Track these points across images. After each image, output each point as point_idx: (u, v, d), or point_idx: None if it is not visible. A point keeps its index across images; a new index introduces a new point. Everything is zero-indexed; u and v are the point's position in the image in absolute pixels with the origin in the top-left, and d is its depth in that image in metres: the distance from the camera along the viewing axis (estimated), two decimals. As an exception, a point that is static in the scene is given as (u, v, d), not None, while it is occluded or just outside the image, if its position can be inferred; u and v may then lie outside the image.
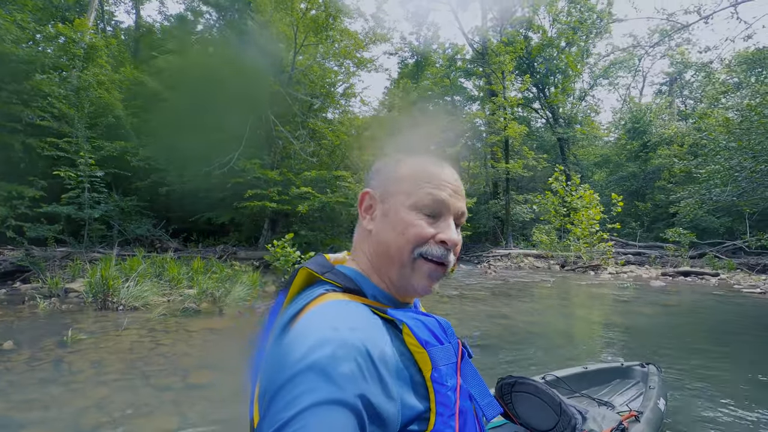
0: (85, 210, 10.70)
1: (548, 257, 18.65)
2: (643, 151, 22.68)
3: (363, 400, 0.46)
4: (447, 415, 0.55)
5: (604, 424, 2.10)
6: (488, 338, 5.56)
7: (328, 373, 0.46)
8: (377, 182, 0.71)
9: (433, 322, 0.61)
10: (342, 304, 0.57)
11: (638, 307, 8.15)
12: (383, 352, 0.52)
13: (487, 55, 26.91)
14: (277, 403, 0.46)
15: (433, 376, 0.56)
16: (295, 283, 0.65)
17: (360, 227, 0.72)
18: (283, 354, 0.50)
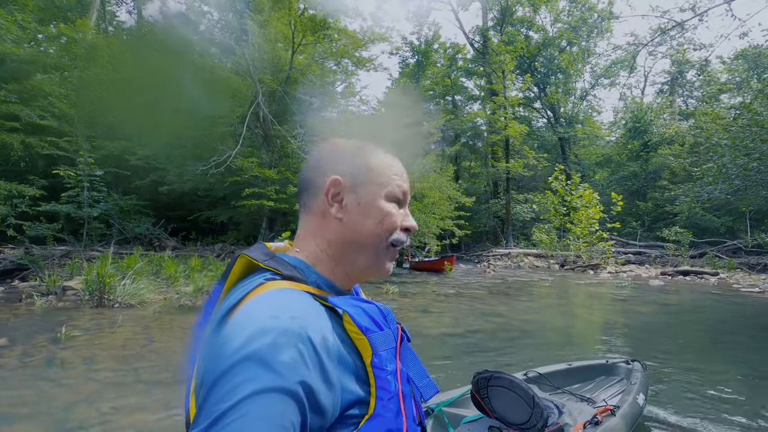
0: (84, 209, 10.75)
1: (548, 256, 18.63)
2: (644, 150, 22.62)
3: (304, 387, 0.47)
4: (386, 399, 0.56)
5: (580, 418, 2.13)
6: (481, 336, 5.57)
7: (268, 361, 0.46)
8: (341, 169, 0.69)
9: (373, 309, 0.61)
10: (283, 293, 0.56)
11: (635, 306, 8.13)
12: (325, 339, 0.52)
13: (487, 54, 26.91)
14: (215, 394, 0.46)
15: (373, 362, 0.56)
16: (234, 272, 0.64)
17: (316, 216, 0.69)
18: (221, 344, 0.49)
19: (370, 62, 14.18)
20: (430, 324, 6.29)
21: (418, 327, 6.03)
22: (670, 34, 24.31)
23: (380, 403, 0.55)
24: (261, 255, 0.64)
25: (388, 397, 0.56)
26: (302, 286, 0.60)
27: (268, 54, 11.71)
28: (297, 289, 0.58)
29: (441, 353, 4.81)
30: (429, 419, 2.24)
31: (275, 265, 0.62)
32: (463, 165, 34.24)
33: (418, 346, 4.96)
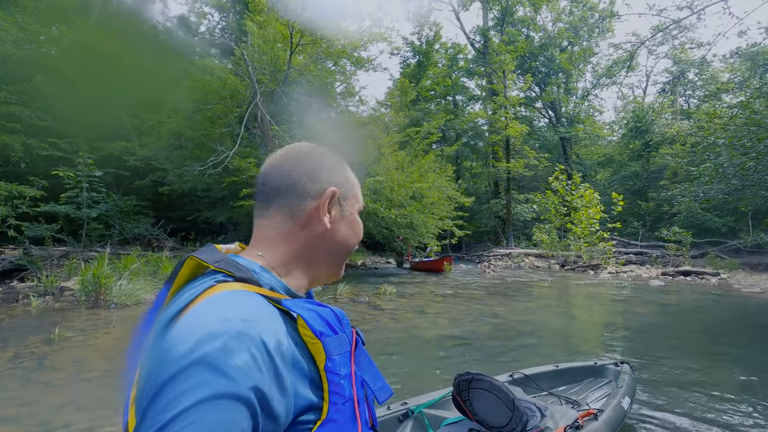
0: (83, 209, 10.79)
1: (549, 257, 18.57)
2: (645, 150, 22.51)
3: (257, 392, 0.45)
4: (340, 403, 0.55)
5: (561, 422, 2.10)
6: (477, 337, 5.54)
7: (219, 366, 0.43)
8: (335, 181, 0.70)
9: (328, 313, 0.60)
10: (235, 295, 0.54)
11: (633, 306, 8.08)
12: (279, 343, 0.50)
13: (488, 54, 26.86)
14: (159, 402, 0.43)
15: (326, 366, 0.55)
16: (181, 274, 0.61)
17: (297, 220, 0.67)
18: (167, 350, 0.46)
19: (369, 62, 14.17)
20: (426, 325, 6.27)
21: (414, 328, 6.02)
22: (671, 34, 24.25)
23: (333, 408, 0.54)
24: (211, 256, 0.62)
25: (341, 402, 0.55)
26: (256, 288, 0.58)
27: (267, 54, 11.72)
28: (250, 291, 0.56)
29: (435, 354, 4.80)
30: (409, 421, 2.22)
31: (227, 267, 0.59)
32: (465, 165, 34.20)
33: (413, 347, 4.95)
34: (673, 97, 26.14)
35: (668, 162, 19.08)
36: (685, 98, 28.04)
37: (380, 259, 20.36)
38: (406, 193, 11.59)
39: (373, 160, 12.26)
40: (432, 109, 31.34)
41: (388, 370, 4.08)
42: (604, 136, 30.63)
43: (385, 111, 18.94)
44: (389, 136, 13.83)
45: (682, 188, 14.37)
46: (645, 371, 4.09)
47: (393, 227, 12.47)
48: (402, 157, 13.29)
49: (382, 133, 13.56)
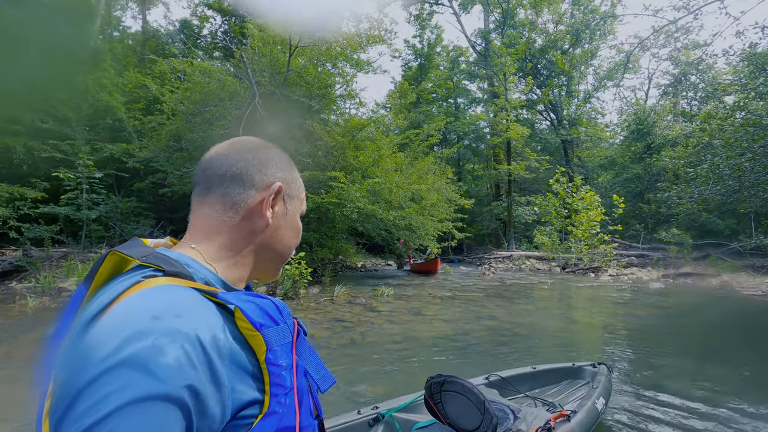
0: (82, 211, 10.83)
1: (550, 259, 18.50)
2: (647, 152, 22.41)
3: (191, 390, 0.43)
4: (282, 395, 0.53)
5: (534, 424, 2.08)
6: (472, 339, 5.51)
7: (147, 366, 0.41)
8: (282, 177, 0.69)
9: (268, 304, 0.58)
10: (165, 289, 0.51)
11: (632, 309, 8.03)
12: (215, 338, 0.48)
13: (489, 57, 26.88)
14: (77, 408, 0.39)
15: (267, 358, 0.53)
16: (102, 271, 0.57)
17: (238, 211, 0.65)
18: (88, 352, 0.42)
19: (369, 65, 14.18)
20: (421, 327, 6.25)
21: (409, 330, 5.99)
22: (672, 36, 24.19)
23: (274, 399, 0.53)
24: (137, 251, 0.58)
25: (283, 393, 0.54)
26: (188, 282, 0.55)
27: (266, 57, 11.76)
28: (182, 286, 0.53)
29: (428, 356, 4.77)
30: (380, 425, 2.18)
31: (156, 261, 0.56)
32: (466, 167, 34.18)
33: (407, 349, 4.93)
34: (674, 99, 26.06)
35: (668, 164, 19.00)
36: (687, 101, 27.95)
37: (380, 261, 20.34)
38: (404, 194, 11.57)
39: (372, 162, 12.25)
40: (433, 112, 31.38)
41: (378, 372, 4.06)
42: (606, 139, 30.54)
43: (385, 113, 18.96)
44: (388, 137, 13.83)
45: (679, 189, 14.29)
46: (638, 373, 4.06)
47: (392, 229, 12.45)
48: (401, 159, 13.29)
49: (382, 135, 13.57)
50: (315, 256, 12.02)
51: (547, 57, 29.07)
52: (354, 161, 12.07)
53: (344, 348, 4.90)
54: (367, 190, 10.68)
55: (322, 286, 10.16)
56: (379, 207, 10.82)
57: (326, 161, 12.23)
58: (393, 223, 11.66)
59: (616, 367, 4.29)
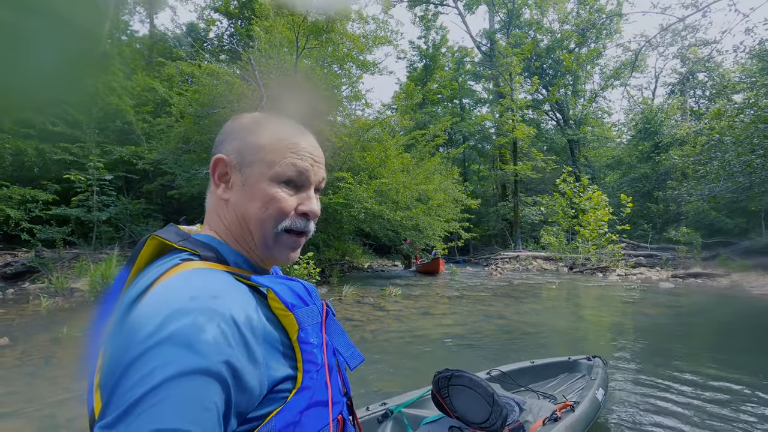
0: (93, 212, 10.96)
1: (557, 259, 18.41)
2: (654, 151, 22.23)
3: (229, 366, 0.45)
4: (314, 371, 0.56)
5: (540, 415, 2.13)
6: (480, 338, 5.52)
7: (189, 342, 0.43)
8: (232, 147, 0.64)
9: (298, 286, 0.61)
10: (202, 272, 0.54)
11: (641, 308, 7.98)
12: (249, 318, 0.51)
13: (494, 57, 26.83)
14: (126, 382, 0.42)
15: (299, 337, 0.56)
16: (143, 254, 0.60)
17: (213, 195, 0.67)
18: (132, 330, 0.45)
19: (375, 66, 14.26)
20: (430, 326, 6.25)
21: (417, 329, 6.00)
22: (680, 34, 24.01)
23: (307, 375, 0.55)
24: (174, 236, 0.61)
25: (315, 369, 0.56)
26: (221, 266, 0.58)
27: (273, 59, 11.84)
28: (216, 269, 0.56)
29: (437, 355, 4.78)
30: (389, 421, 2.21)
31: (191, 246, 0.59)
32: (472, 168, 34.12)
33: (415, 348, 4.94)
34: (682, 98, 25.83)
35: (676, 162, 18.84)
36: (695, 99, 27.70)
37: (386, 262, 20.35)
38: (411, 195, 11.58)
39: (379, 163, 12.28)
40: (439, 113, 31.37)
41: (390, 369, 4.08)
42: (613, 138, 30.35)
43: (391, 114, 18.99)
44: (395, 138, 13.86)
45: (689, 187, 14.15)
46: (646, 369, 4.04)
47: (399, 229, 12.47)
48: (407, 159, 13.31)
49: (388, 135, 13.60)
50: (322, 256, 12.06)
51: (553, 56, 28.95)
52: (361, 162, 12.11)
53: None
54: (374, 191, 10.71)
55: (330, 287, 10.20)
56: (386, 207, 10.85)
57: (333, 162, 12.29)
58: (400, 223, 11.69)
59: (625, 364, 4.28)
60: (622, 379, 3.84)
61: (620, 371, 4.06)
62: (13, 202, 10.73)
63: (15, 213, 10.49)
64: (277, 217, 0.62)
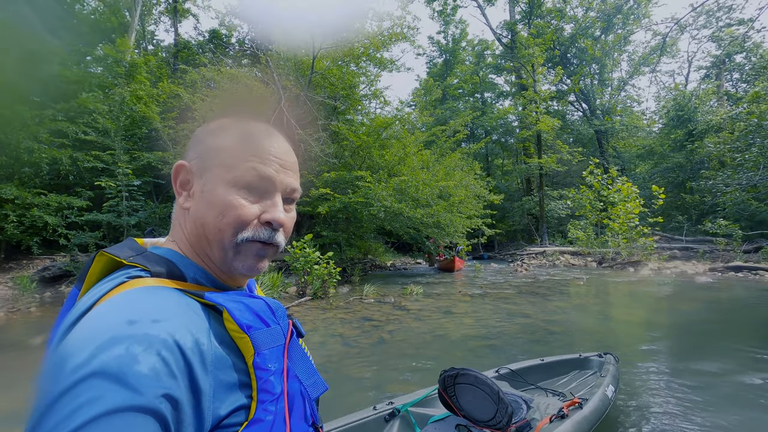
0: (123, 217, 11.37)
1: (585, 254, 17.86)
2: (688, 139, 21.20)
3: (169, 400, 0.41)
4: (268, 401, 0.51)
5: (547, 412, 2.12)
6: (503, 337, 5.38)
7: (120, 376, 0.38)
8: (195, 152, 0.61)
9: (259, 304, 0.56)
10: (146, 292, 0.49)
11: (675, 303, 7.61)
12: (198, 343, 0.46)
13: (516, 48, 26.24)
14: (48, 421, 0.37)
15: (255, 362, 0.51)
16: (92, 273, 0.56)
17: (176, 203, 0.63)
18: (62, 360, 0.40)
19: (392, 63, 14.16)
20: (451, 325, 6.15)
21: (438, 328, 5.92)
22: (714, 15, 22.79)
23: (261, 406, 0.50)
24: (126, 251, 0.57)
25: (270, 399, 0.51)
26: (173, 282, 0.53)
27: (290, 60, 11.97)
28: (165, 287, 0.51)
29: (457, 355, 4.69)
30: (396, 420, 2.21)
31: (142, 261, 0.55)
32: (495, 162, 33.55)
33: (435, 348, 4.86)
34: (718, 82, 24.52)
35: (712, 151, 17.90)
36: (731, 82, 26.26)
37: (409, 260, 20.26)
38: (431, 192, 11.47)
39: (398, 160, 12.21)
40: (460, 108, 30.99)
41: (406, 370, 4.02)
42: (643, 127, 29.14)
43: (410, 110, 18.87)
44: (414, 135, 13.75)
45: (725, 176, 13.38)
46: (671, 369, 3.82)
47: (420, 227, 12.38)
48: (427, 156, 13.18)
49: (407, 132, 13.50)
50: (344, 255, 12.11)
51: (577, 45, 28.08)
52: (380, 160, 12.08)
53: (372, 347, 4.89)
54: (393, 189, 10.66)
55: (352, 286, 10.22)
56: (405, 205, 10.78)
57: (352, 161, 12.32)
58: (420, 220, 11.60)
59: (653, 362, 4.06)
60: (647, 377, 3.68)
61: (646, 370, 3.87)
62: (51, 209, 11.27)
63: (52, 219, 11.00)
64: (235, 226, 0.57)
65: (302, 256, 8.35)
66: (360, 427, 2.07)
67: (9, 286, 8.68)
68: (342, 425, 2.03)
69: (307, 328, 5.85)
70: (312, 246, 8.84)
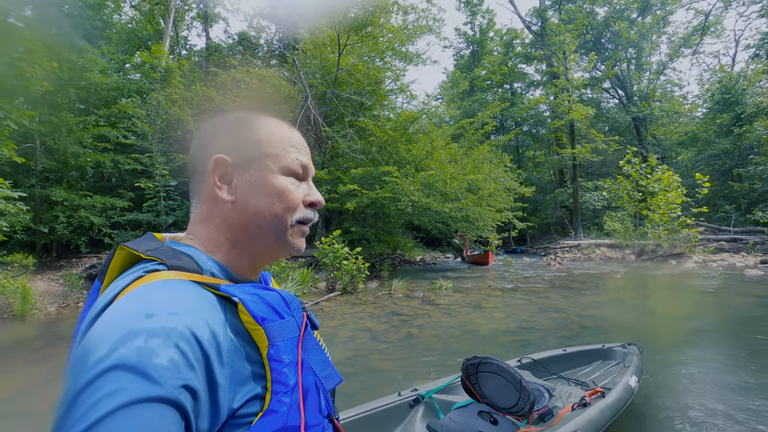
0: (161, 216, 11.89)
1: (623, 246, 17.16)
2: (736, 124, 19.89)
3: (189, 391, 0.42)
4: (282, 393, 0.51)
5: (569, 401, 2.12)
6: (533, 332, 5.25)
7: (140, 368, 0.40)
8: (227, 145, 0.63)
9: (274, 297, 0.57)
10: (163, 285, 0.50)
11: (722, 298, 7.19)
12: (214, 334, 0.47)
13: (546, 36, 25.41)
14: (72, 414, 0.38)
15: (269, 354, 0.52)
16: (112, 267, 0.57)
17: (206, 200, 0.63)
18: (84, 354, 0.42)
19: (418, 57, 14.03)
20: (481, 320, 6.07)
21: (467, 323, 5.85)
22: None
23: (275, 397, 0.51)
24: (144, 245, 0.58)
25: (284, 391, 0.51)
26: (190, 275, 0.54)
27: (316, 59, 12.08)
28: (182, 279, 0.52)
29: (485, 351, 4.62)
30: (420, 406, 2.25)
31: (160, 255, 0.56)
32: (527, 154, 32.72)
33: (464, 344, 4.81)
34: (769, 60, 22.82)
35: (762, 134, 16.72)
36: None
37: (439, 254, 20.12)
38: (459, 185, 11.31)
39: (425, 155, 12.12)
40: (488, 99, 30.39)
41: (433, 366, 4.00)
42: (685, 113, 27.57)
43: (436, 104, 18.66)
44: (441, 129, 13.59)
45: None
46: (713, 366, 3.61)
47: (449, 221, 12.26)
48: (455, 149, 13.01)
49: (434, 126, 13.37)
50: (373, 251, 12.16)
51: (612, 29, 26.86)
52: (407, 155, 12.02)
53: (401, 341, 4.90)
54: (420, 183, 10.59)
55: (381, 281, 10.26)
56: (433, 200, 10.69)
57: (380, 156, 12.32)
58: (449, 215, 11.48)
59: (691, 358, 3.85)
60: (683, 371, 3.53)
61: (684, 364, 3.68)
62: (96, 210, 11.94)
63: (98, 220, 11.65)
64: (291, 210, 0.63)
65: (331, 252, 8.44)
66: (385, 413, 2.13)
67: (60, 283, 9.25)
68: (367, 410, 2.07)
69: (336, 322, 5.93)
70: (341, 241, 8.93)
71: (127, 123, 14.09)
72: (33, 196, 11.46)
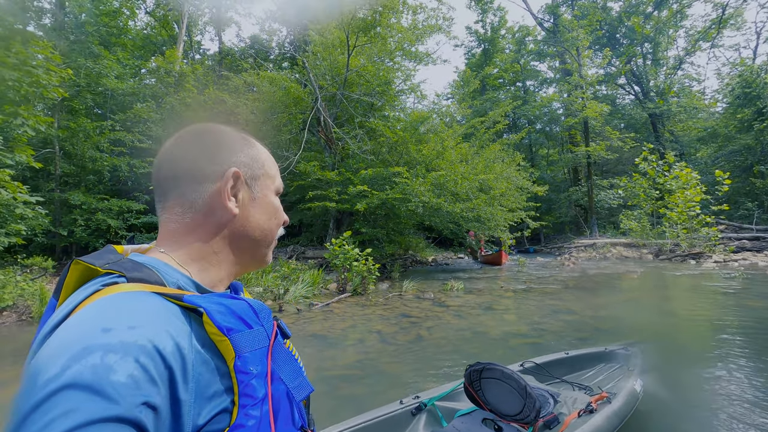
0: (175, 219, 12.10)
1: (640, 246, 16.80)
2: (758, 118, 19.30)
3: (150, 408, 0.40)
4: (250, 406, 0.49)
5: (575, 407, 2.08)
6: (546, 334, 5.17)
7: (96, 386, 0.37)
8: (237, 160, 0.63)
9: (241, 305, 0.54)
10: (121, 297, 0.47)
11: (743, 300, 6.97)
12: (178, 346, 0.45)
13: (558, 32, 25.05)
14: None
15: (236, 365, 0.50)
16: (68, 282, 0.55)
17: (199, 209, 0.61)
18: (34, 374, 0.39)
19: (428, 56, 13.96)
20: (492, 322, 6.00)
21: (478, 325, 5.79)
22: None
23: (242, 411, 0.48)
24: (103, 259, 0.55)
25: (251, 404, 0.49)
26: (152, 287, 0.51)
27: (326, 60, 12.12)
28: (143, 291, 0.49)
29: (498, 353, 4.56)
30: (422, 414, 2.21)
31: (118, 268, 0.53)
32: (540, 153, 32.30)
33: (474, 346, 4.75)
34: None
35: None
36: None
37: (451, 255, 20.01)
38: (471, 185, 11.22)
39: (436, 155, 12.05)
40: (500, 98, 30.10)
41: (442, 369, 3.96)
42: (704, 108, 26.85)
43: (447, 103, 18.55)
44: (451, 128, 13.50)
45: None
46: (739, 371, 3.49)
47: (460, 221, 12.17)
48: (465, 149, 12.90)
49: (444, 126, 13.29)
50: (384, 251, 12.14)
51: (627, 24, 26.33)
52: (417, 155, 11.97)
53: (410, 344, 4.87)
54: (431, 184, 10.53)
55: (392, 281, 10.23)
56: (444, 200, 10.62)
57: (390, 157, 12.29)
58: (460, 215, 11.39)
59: (711, 361, 3.73)
60: (698, 374, 3.46)
61: (699, 367, 3.57)
62: (113, 213, 12.19)
63: (114, 222, 11.91)
64: (278, 227, 0.69)
65: (342, 253, 8.45)
66: (387, 421, 2.09)
67: (78, 284, 9.46)
68: (369, 419, 2.04)
69: (345, 324, 5.92)
70: (351, 243, 8.94)
71: (142, 127, 14.35)
72: (53, 200, 11.77)
